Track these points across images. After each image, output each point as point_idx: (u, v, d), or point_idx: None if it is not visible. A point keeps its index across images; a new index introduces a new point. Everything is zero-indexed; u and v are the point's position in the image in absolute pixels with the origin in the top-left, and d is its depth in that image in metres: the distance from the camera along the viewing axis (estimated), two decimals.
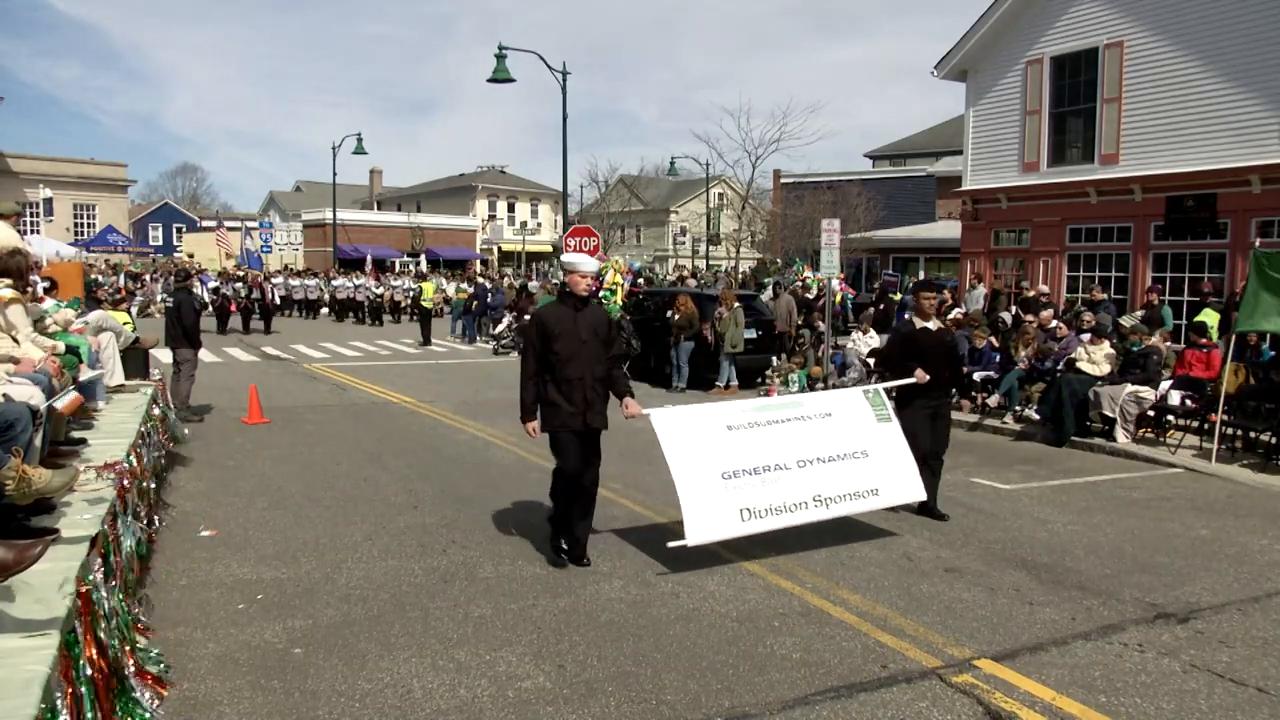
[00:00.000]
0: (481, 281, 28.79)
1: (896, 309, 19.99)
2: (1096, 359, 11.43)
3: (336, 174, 42.24)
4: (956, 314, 15.25)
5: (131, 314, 12.76)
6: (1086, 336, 12.22)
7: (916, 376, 7.38)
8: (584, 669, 4.62)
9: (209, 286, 28.48)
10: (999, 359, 13.05)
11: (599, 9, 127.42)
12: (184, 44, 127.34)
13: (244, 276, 27.79)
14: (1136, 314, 14.50)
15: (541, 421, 6.13)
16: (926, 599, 5.69)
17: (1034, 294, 16.33)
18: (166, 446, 8.80)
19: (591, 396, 6.03)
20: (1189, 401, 10.78)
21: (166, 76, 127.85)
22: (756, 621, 5.27)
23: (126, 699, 3.68)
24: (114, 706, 3.52)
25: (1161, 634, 5.18)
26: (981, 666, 4.71)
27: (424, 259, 51.75)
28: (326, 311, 33.24)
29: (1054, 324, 13.05)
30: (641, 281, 26.86)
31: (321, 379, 16.51)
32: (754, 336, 15.99)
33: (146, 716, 3.74)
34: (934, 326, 7.73)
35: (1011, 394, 12.26)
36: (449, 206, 60.00)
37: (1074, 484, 9.14)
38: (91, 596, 3.63)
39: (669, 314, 16.02)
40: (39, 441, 4.41)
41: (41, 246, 23.44)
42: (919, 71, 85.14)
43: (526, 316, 20.46)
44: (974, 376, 12.67)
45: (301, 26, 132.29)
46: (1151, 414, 10.95)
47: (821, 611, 5.44)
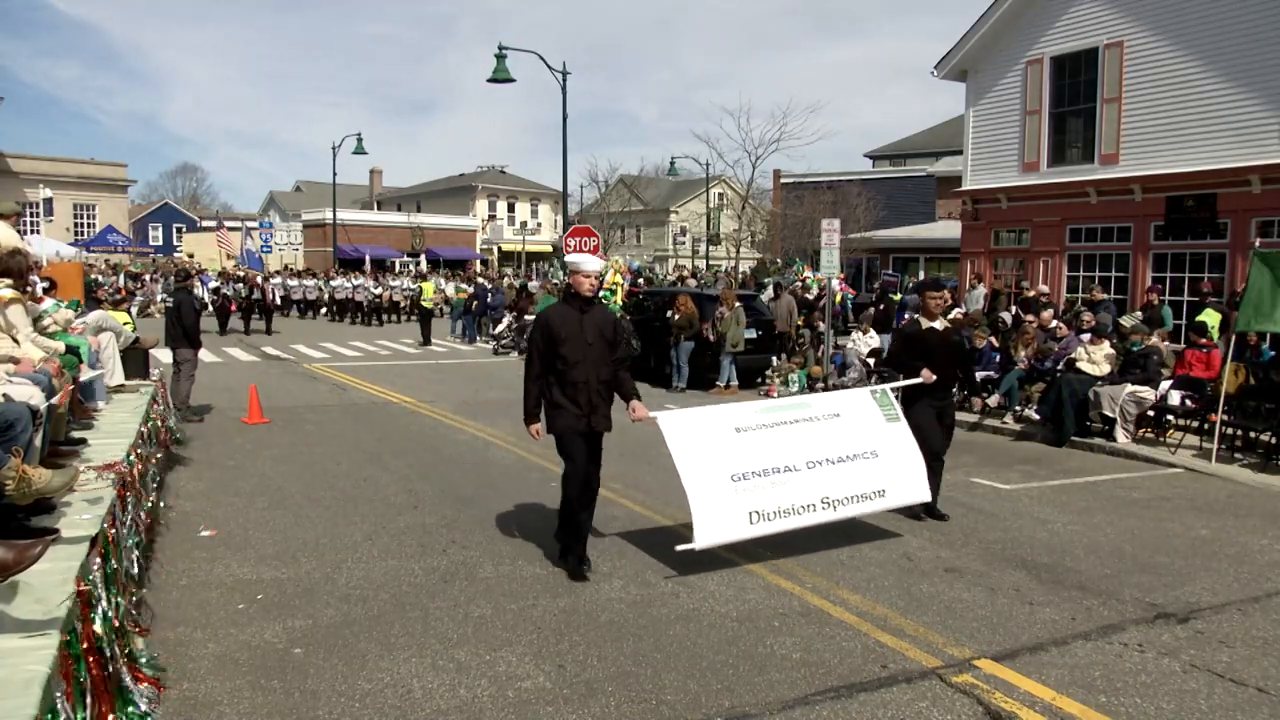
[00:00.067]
0: (481, 282, 28.80)
1: (896, 309, 19.98)
2: (1096, 359, 11.43)
3: (336, 174, 42.30)
4: (957, 314, 15.22)
5: (131, 314, 12.75)
6: (1086, 336, 12.23)
7: (923, 376, 7.37)
8: (584, 669, 4.63)
9: (209, 286, 28.51)
10: (999, 359, 13.06)
11: (599, 9, 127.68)
12: (184, 44, 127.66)
13: (244, 276, 27.78)
14: (1136, 314, 14.48)
15: (547, 423, 6.10)
16: (926, 599, 5.69)
17: (1034, 294, 16.35)
18: (166, 446, 8.80)
19: (596, 400, 5.98)
20: (1189, 401, 10.79)
21: (166, 76, 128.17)
22: (756, 621, 5.27)
23: (124, 699, 3.67)
24: (112, 706, 3.52)
25: (1161, 634, 5.18)
26: (981, 666, 4.71)
27: (424, 259, 51.75)
28: (325, 311, 33.24)
29: (1054, 324, 13.07)
30: (641, 281, 26.90)
31: (321, 379, 16.51)
32: (754, 336, 16.00)
33: (145, 716, 3.74)
34: (940, 326, 7.73)
35: (1011, 394, 12.27)
36: (449, 206, 59.99)
37: (1074, 484, 9.14)
38: (91, 596, 3.63)
39: (669, 314, 16.02)
40: (39, 441, 4.41)
41: (41, 246, 23.38)
42: (919, 71, 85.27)
43: (527, 316, 20.54)
44: (974, 376, 12.67)
45: (301, 26, 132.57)
46: (1151, 414, 10.95)
47: (821, 611, 5.44)
